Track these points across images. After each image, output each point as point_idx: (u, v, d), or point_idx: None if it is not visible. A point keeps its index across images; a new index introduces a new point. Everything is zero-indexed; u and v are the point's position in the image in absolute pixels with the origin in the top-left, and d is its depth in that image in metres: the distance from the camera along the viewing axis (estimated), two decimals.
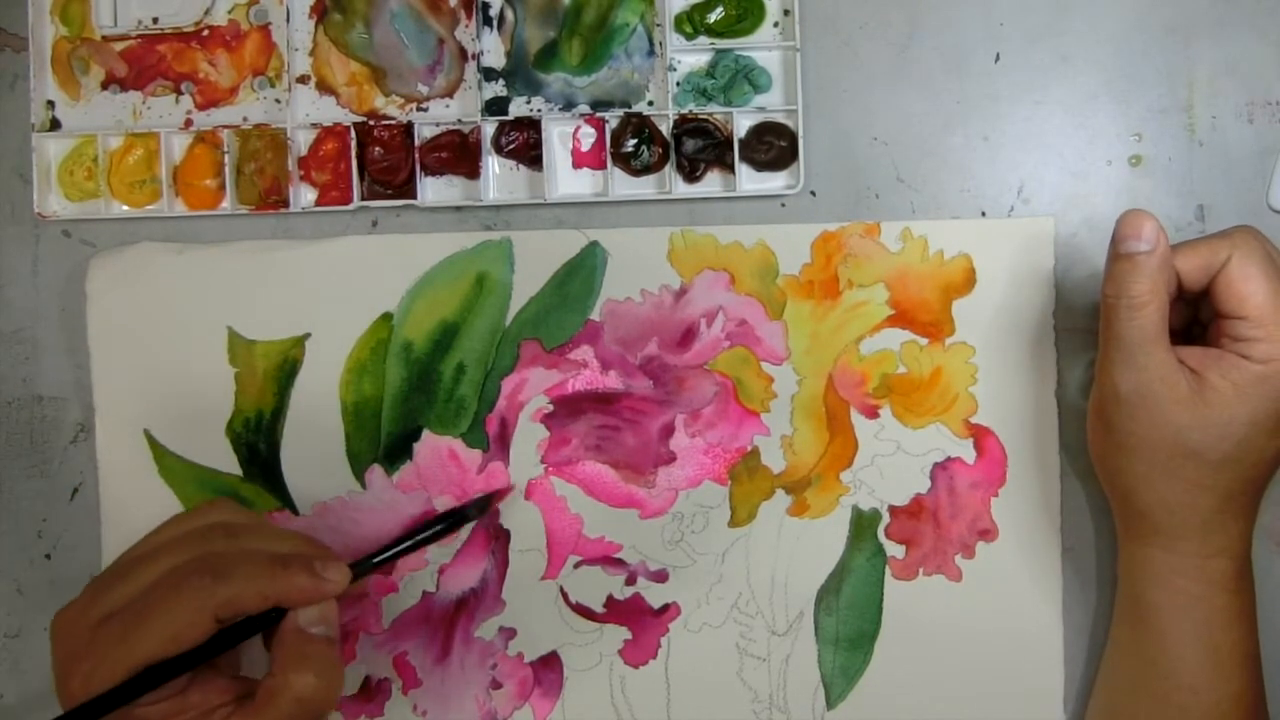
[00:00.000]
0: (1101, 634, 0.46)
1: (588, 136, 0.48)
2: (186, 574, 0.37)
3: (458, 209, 0.49)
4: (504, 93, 0.48)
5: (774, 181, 0.48)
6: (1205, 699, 0.41)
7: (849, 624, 0.48)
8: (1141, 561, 0.43)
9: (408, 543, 0.44)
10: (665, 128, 0.48)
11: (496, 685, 0.48)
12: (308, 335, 0.48)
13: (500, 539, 0.48)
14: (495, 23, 0.48)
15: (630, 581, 0.48)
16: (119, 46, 0.49)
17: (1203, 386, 0.39)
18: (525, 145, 0.48)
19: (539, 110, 0.48)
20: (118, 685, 0.36)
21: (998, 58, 0.48)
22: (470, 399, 0.48)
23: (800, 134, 0.47)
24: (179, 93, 0.49)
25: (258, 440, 0.48)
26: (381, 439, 0.48)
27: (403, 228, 0.49)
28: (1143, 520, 0.42)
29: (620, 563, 0.48)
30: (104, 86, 0.49)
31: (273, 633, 0.39)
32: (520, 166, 0.49)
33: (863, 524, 0.48)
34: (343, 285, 0.48)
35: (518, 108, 0.48)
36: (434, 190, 0.49)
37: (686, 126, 0.47)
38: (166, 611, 0.36)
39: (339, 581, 0.39)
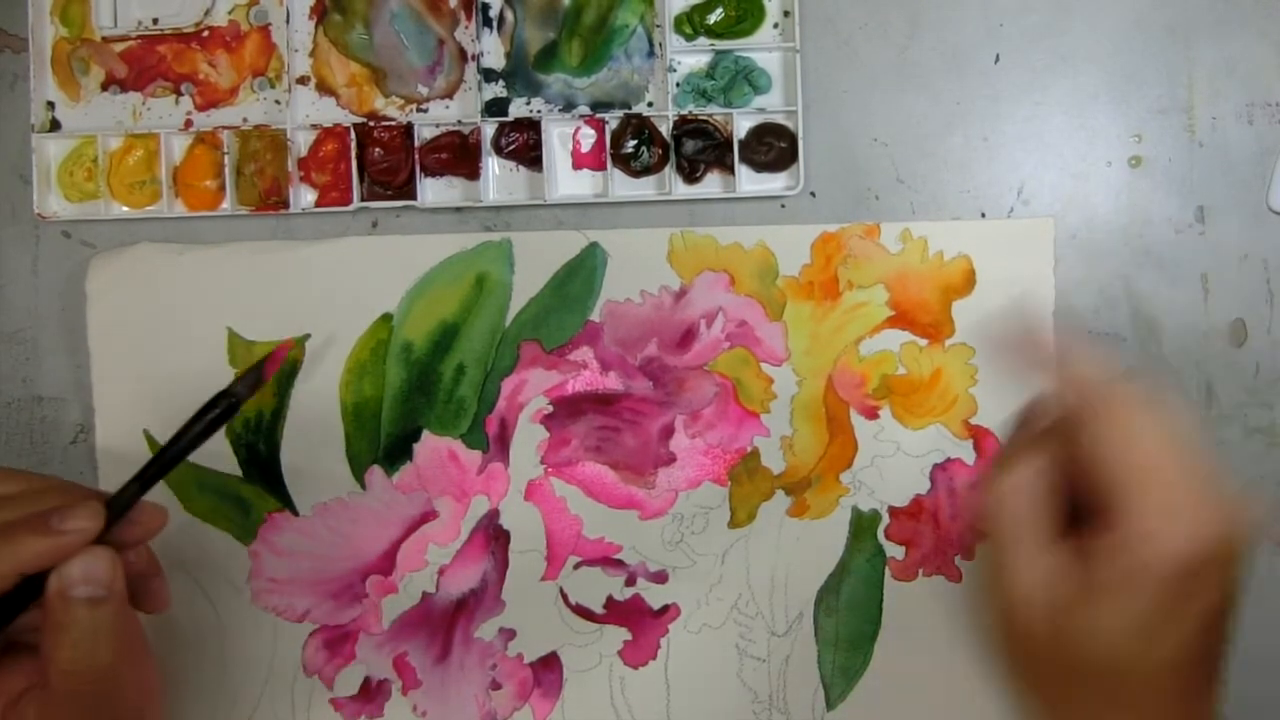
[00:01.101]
0: None
1: (587, 137, 0.48)
2: None
3: (458, 210, 0.49)
4: (504, 94, 0.48)
5: (774, 182, 0.48)
6: None
7: (849, 624, 0.48)
8: None
9: (171, 450, 0.39)
10: (665, 129, 0.48)
11: (496, 686, 0.48)
12: (308, 335, 0.48)
13: (500, 540, 0.48)
14: (495, 24, 0.48)
15: (630, 582, 0.48)
16: (119, 47, 0.49)
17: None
18: (525, 146, 0.48)
19: (539, 111, 0.48)
20: None
21: (998, 58, 0.48)
22: (470, 400, 0.48)
23: (800, 135, 0.47)
24: (179, 93, 0.49)
25: (257, 441, 0.48)
26: (381, 440, 0.48)
27: (403, 228, 0.49)
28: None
29: (620, 563, 0.48)
30: (104, 87, 0.49)
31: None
32: (520, 167, 0.49)
33: (862, 525, 0.48)
34: (342, 286, 0.48)
35: (517, 109, 0.48)
36: (434, 191, 0.49)
37: (686, 127, 0.47)
38: None
39: (86, 529, 0.34)
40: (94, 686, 0.34)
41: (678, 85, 0.48)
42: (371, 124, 0.48)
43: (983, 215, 0.48)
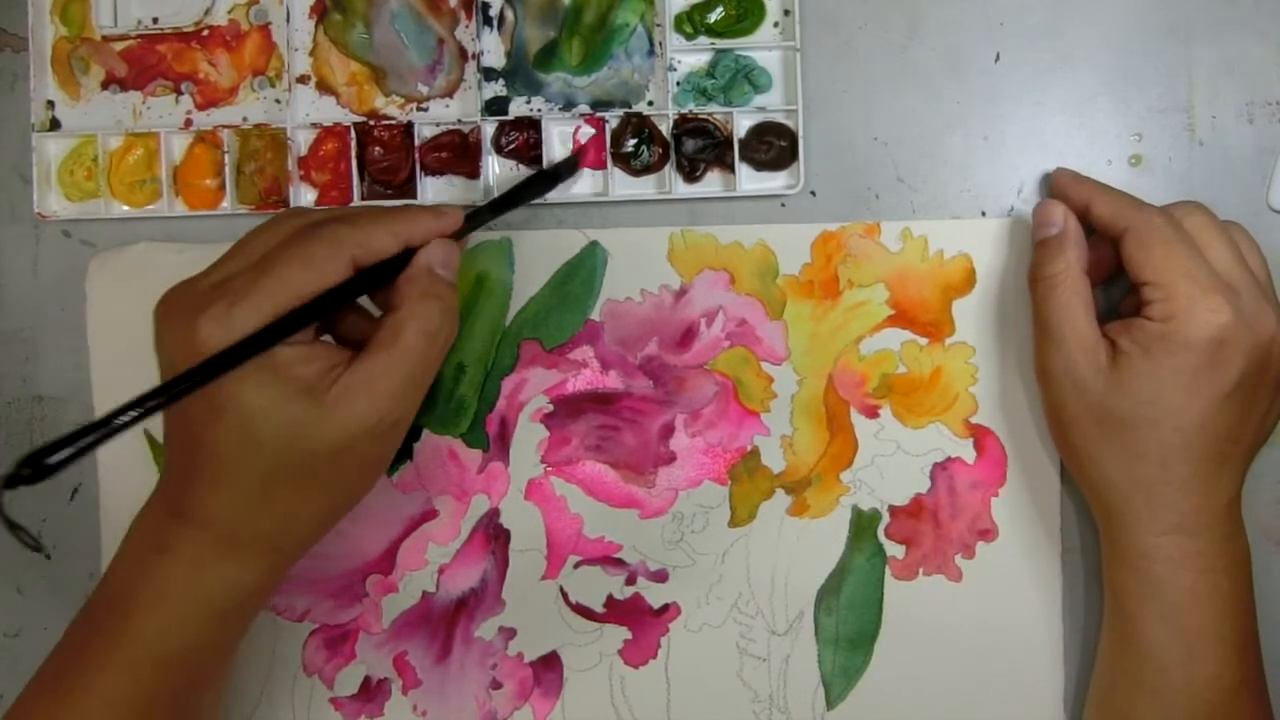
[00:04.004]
0: (1099, 633, 0.46)
1: (588, 136, 0.48)
2: (318, 224, 0.38)
3: None
4: (504, 93, 0.48)
5: (774, 181, 0.48)
6: (1176, 679, 0.41)
7: (849, 624, 0.48)
8: (1108, 543, 0.43)
9: (510, 195, 0.45)
10: (665, 128, 0.48)
11: (496, 685, 0.48)
12: None
13: (500, 539, 0.48)
14: (495, 23, 0.48)
15: (630, 581, 0.48)
16: (119, 46, 0.49)
17: (1116, 353, 0.41)
18: (525, 145, 0.48)
19: (539, 110, 0.48)
20: (262, 327, 0.36)
21: (998, 58, 0.48)
22: (470, 399, 0.48)
23: (800, 134, 0.47)
24: (179, 93, 0.49)
25: None
26: None
27: None
28: (1096, 499, 0.43)
29: (620, 563, 0.48)
30: (104, 86, 0.49)
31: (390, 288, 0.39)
32: (520, 166, 0.49)
33: (863, 524, 0.48)
34: None
35: (518, 108, 0.48)
36: (434, 190, 0.49)
37: (686, 126, 0.47)
38: (304, 254, 0.37)
39: (456, 217, 0.41)
40: (439, 353, 0.39)
41: (678, 84, 0.48)
42: (371, 123, 0.48)
43: (983, 214, 0.48)
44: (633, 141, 0.48)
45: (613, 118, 0.48)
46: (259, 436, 0.36)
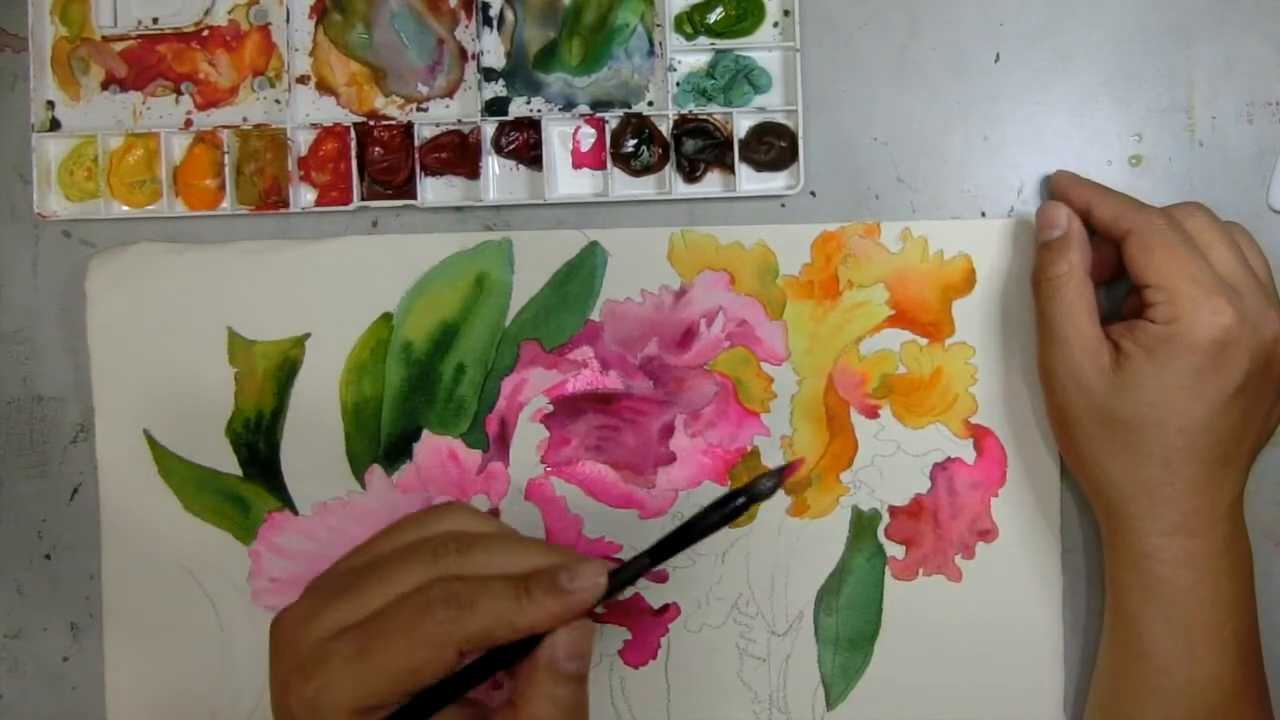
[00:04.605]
0: (1100, 633, 0.46)
1: (588, 136, 0.48)
2: (429, 603, 0.34)
3: (458, 209, 0.49)
4: (504, 93, 0.48)
5: (774, 182, 0.48)
6: (1179, 680, 0.41)
7: (849, 624, 0.48)
8: (1110, 544, 0.43)
9: (683, 537, 0.37)
10: (665, 128, 0.48)
11: (497, 685, 0.48)
12: (308, 335, 0.48)
13: None
14: (495, 23, 0.48)
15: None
16: (119, 47, 0.49)
17: (1120, 355, 0.41)
18: (525, 145, 0.48)
19: (539, 110, 0.48)
20: None
21: (998, 58, 0.48)
22: (470, 399, 0.48)
23: (800, 134, 0.47)
24: (179, 93, 0.49)
25: (258, 440, 0.48)
26: (381, 439, 0.48)
27: (403, 228, 0.49)
28: (1099, 499, 0.43)
29: (620, 563, 0.48)
30: (104, 86, 0.49)
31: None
32: (520, 167, 0.49)
33: (863, 524, 0.48)
34: (343, 285, 0.48)
35: (518, 108, 0.48)
36: (434, 190, 0.49)
37: (686, 127, 0.47)
38: (408, 643, 0.33)
39: (590, 591, 0.34)
40: None
41: (678, 84, 0.48)
42: (371, 123, 0.48)
43: (983, 214, 0.48)
44: (633, 142, 0.48)
45: (613, 118, 0.48)
46: None
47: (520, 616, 0.34)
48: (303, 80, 0.49)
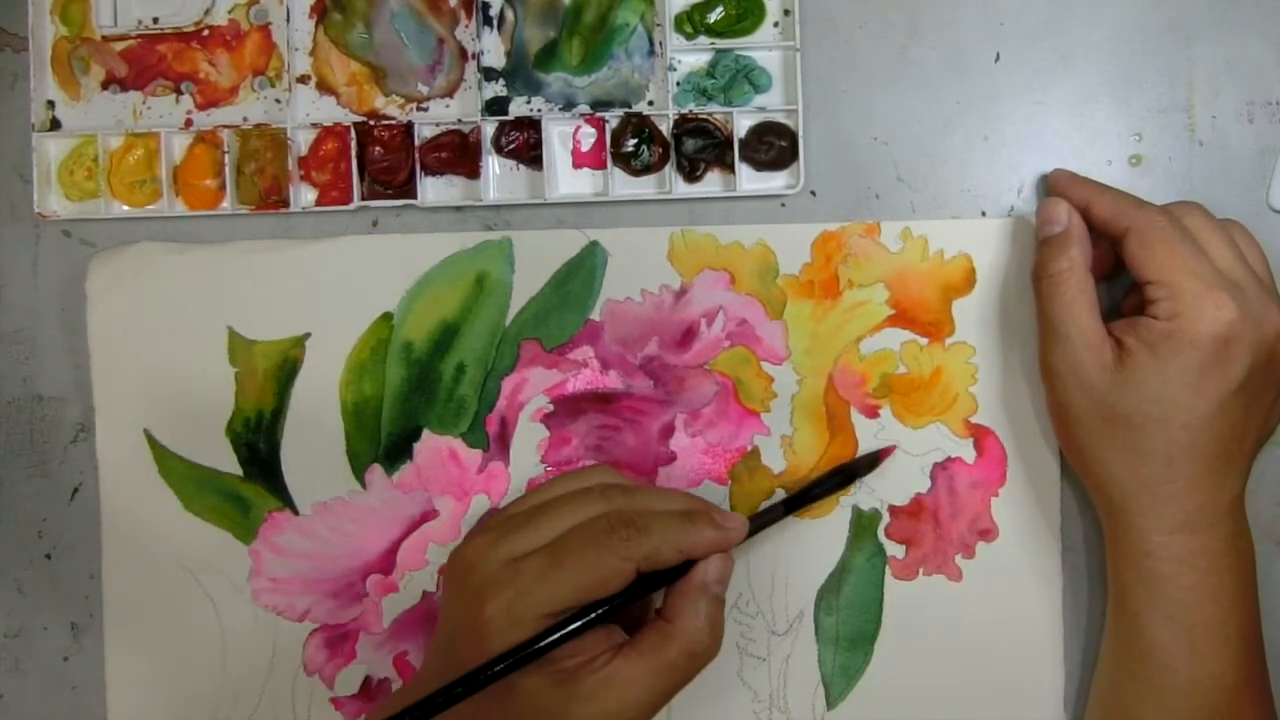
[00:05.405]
0: (1101, 632, 0.46)
1: (588, 136, 0.48)
2: (610, 525, 0.39)
3: (458, 209, 0.49)
4: (504, 93, 0.48)
5: (774, 181, 0.48)
6: (1182, 678, 0.41)
7: (849, 624, 0.48)
8: (1112, 542, 0.43)
9: (804, 495, 0.46)
10: (665, 127, 0.48)
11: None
12: (308, 335, 0.48)
13: None
14: (495, 23, 0.48)
15: None
16: (119, 46, 0.49)
17: (1122, 351, 0.41)
18: (525, 145, 0.48)
19: (539, 110, 0.48)
20: (548, 630, 0.38)
21: (998, 58, 0.48)
22: (470, 399, 0.48)
23: (800, 134, 0.47)
24: (179, 93, 0.49)
25: (258, 440, 0.48)
26: (381, 439, 0.48)
27: (403, 228, 0.49)
28: (1101, 497, 0.43)
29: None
30: (104, 86, 0.49)
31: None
32: (520, 166, 0.49)
33: (863, 524, 0.48)
34: (343, 285, 0.48)
35: (518, 108, 0.48)
36: (434, 190, 0.49)
37: (686, 126, 0.48)
38: (594, 559, 0.38)
39: (740, 530, 0.41)
40: (697, 670, 0.40)
41: (678, 84, 0.48)
42: (372, 123, 0.48)
43: (983, 214, 0.48)
44: (633, 141, 0.48)
45: (613, 118, 0.48)
46: (516, 711, 0.38)
47: (685, 540, 0.40)
48: (303, 80, 0.49)
